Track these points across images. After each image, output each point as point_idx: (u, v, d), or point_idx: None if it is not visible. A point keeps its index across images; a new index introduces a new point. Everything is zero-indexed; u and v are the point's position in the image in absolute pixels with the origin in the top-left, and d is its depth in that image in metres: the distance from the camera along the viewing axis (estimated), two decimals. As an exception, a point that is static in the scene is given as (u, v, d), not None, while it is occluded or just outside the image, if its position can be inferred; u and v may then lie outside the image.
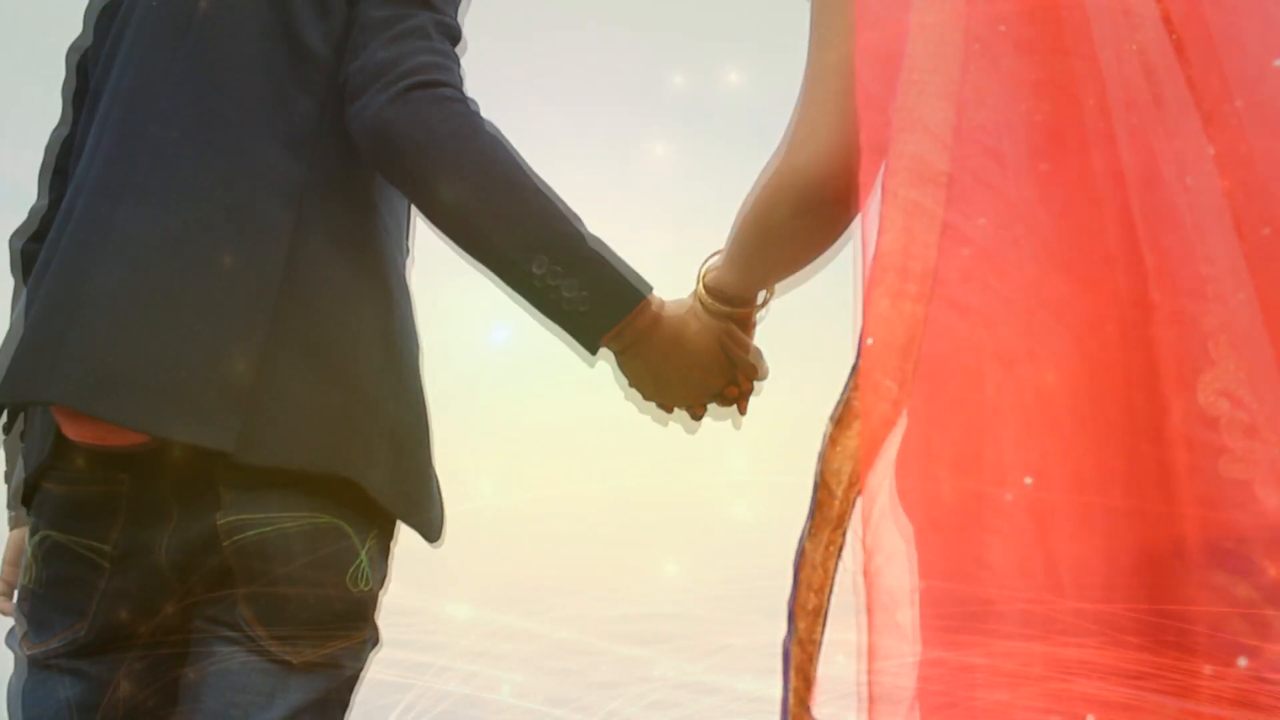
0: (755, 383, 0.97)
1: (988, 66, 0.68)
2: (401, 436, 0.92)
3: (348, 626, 0.90)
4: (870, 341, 0.63)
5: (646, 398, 0.97)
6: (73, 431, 0.85)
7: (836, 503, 0.69)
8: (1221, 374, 0.59)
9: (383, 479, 0.90)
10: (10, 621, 0.99)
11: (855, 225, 0.71)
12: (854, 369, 0.71)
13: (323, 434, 0.87)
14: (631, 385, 0.97)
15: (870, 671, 0.60)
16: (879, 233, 0.65)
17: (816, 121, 0.77)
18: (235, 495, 0.85)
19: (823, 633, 0.69)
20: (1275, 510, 0.56)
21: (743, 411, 0.97)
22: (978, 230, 0.64)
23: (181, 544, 0.87)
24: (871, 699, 0.60)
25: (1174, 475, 0.58)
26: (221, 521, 0.85)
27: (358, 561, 0.89)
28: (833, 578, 0.69)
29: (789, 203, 0.80)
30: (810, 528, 0.71)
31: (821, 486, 0.70)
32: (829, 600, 0.70)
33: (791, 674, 0.70)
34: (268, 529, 0.85)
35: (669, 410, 0.98)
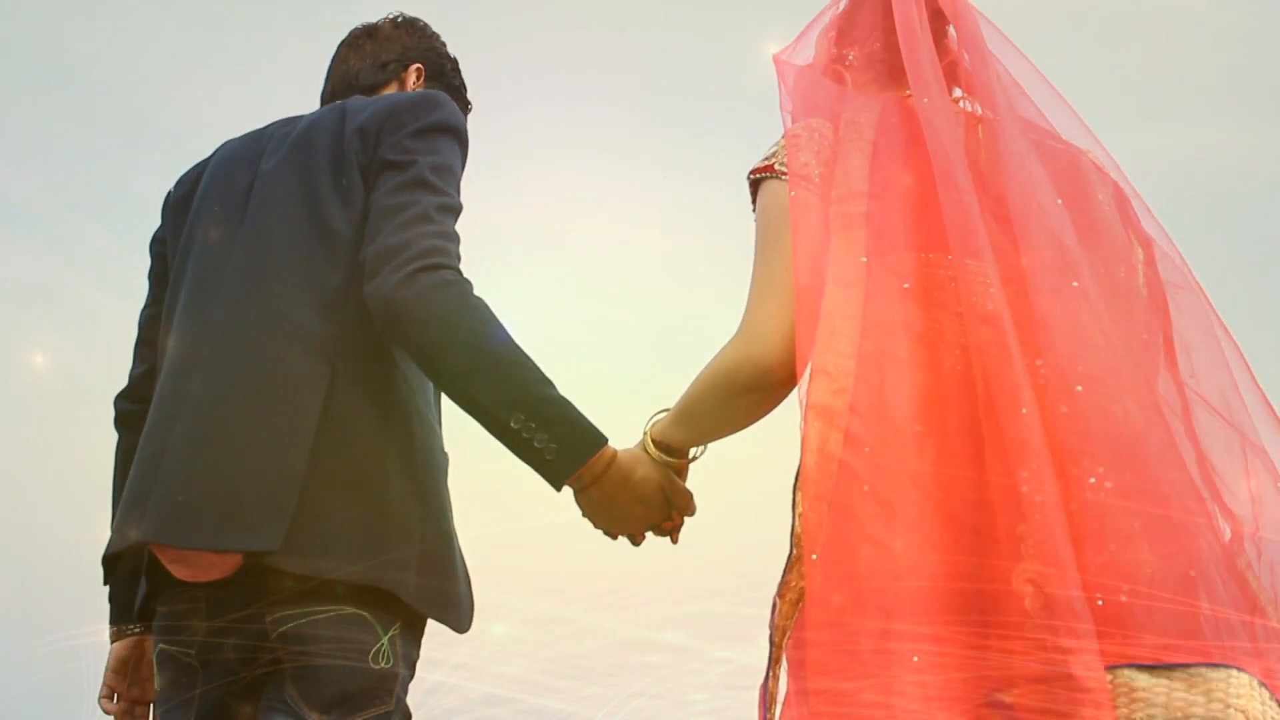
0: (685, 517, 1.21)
1: (882, 308, 0.98)
2: (428, 549, 1.13)
3: (373, 700, 1.10)
4: (814, 557, 0.90)
5: (596, 525, 1.19)
6: (179, 572, 1.09)
7: (781, 653, 0.98)
8: (1030, 568, 0.86)
9: (411, 585, 1.11)
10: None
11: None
12: (791, 560, 1.01)
13: (358, 550, 1.08)
14: (585, 515, 1.18)
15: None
16: (802, 450, 0.96)
17: (766, 322, 1.03)
18: (283, 599, 1.07)
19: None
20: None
21: (675, 540, 1.21)
22: (869, 442, 0.94)
23: (244, 644, 1.09)
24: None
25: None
26: (270, 618, 1.08)
27: (379, 644, 1.10)
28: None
29: (743, 382, 1.05)
30: (768, 665, 1.00)
31: (774, 643, 0.99)
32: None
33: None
34: (304, 620, 1.08)
35: (614, 537, 1.20)
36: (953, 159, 1.02)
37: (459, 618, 1.17)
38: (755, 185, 1.14)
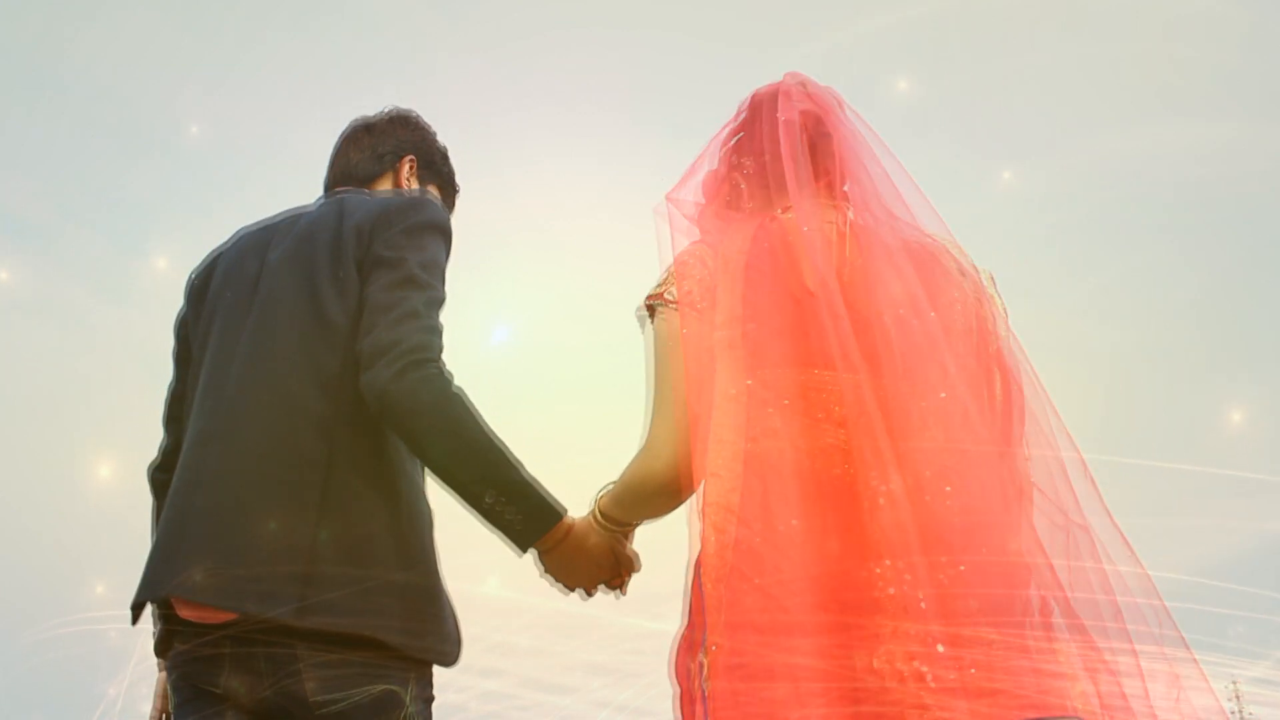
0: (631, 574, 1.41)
1: (764, 420, 1.16)
2: (413, 598, 1.30)
3: None
4: (714, 648, 1.08)
5: (555, 581, 1.37)
6: (185, 612, 1.26)
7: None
8: (890, 649, 1.06)
9: (402, 635, 1.27)
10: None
11: None
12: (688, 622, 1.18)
13: (359, 609, 1.24)
14: (546, 572, 1.37)
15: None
16: (701, 541, 1.13)
17: (663, 440, 1.24)
18: (313, 661, 1.24)
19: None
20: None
21: (623, 593, 1.42)
22: (747, 545, 1.11)
23: (268, 698, 1.25)
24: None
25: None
26: (310, 685, 1.23)
27: (404, 710, 1.28)
28: None
29: (650, 487, 1.26)
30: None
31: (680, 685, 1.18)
32: None
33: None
34: (345, 703, 1.24)
35: (570, 590, 1.39)
36: (825, 279, 1.19)
37: (445, 653, 1.34)
38: (649, 312, 1.30)
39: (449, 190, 1.71)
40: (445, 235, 1.44)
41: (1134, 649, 1.12)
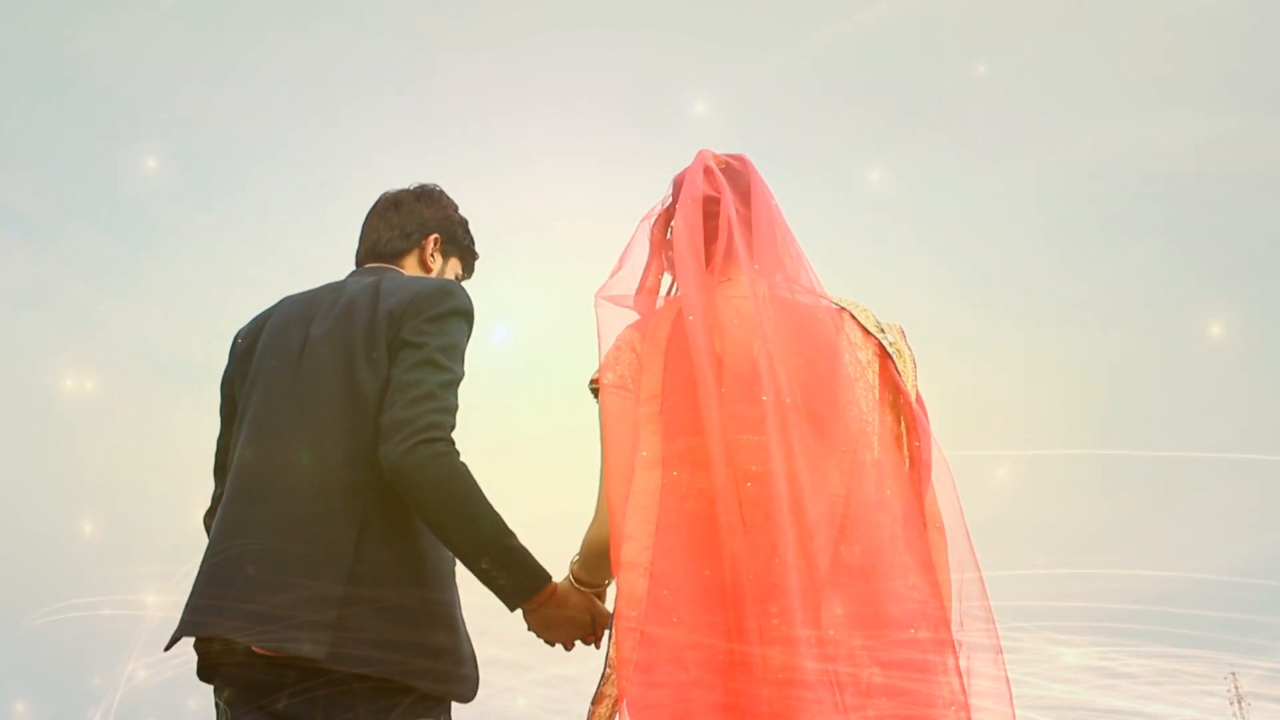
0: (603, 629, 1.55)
1: (676, 482, 1.35)
2: (440, 645, 1.48)
3: None
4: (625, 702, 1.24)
5: (538, 636, 1.55)
6: (255, 647, 1.42)
7: None
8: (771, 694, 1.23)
9: (432, 678, 1.45)
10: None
11: None
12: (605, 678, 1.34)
13: (389, 654, 1.42)
14: (530, 628, 1.54)
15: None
16: (617, 596, 1.30)
17: (603, 517, 1.40)
18: (352, 699, 1.41)
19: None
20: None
21: (598, 646, 1.55)
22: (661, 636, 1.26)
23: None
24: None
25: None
26: (347, 701, 1.40)
27: None
28: None
29: (600, 550, 1.43)
30: None
31: None
32: None
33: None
34: (372, 707, 1.41)
35: (551, 644, 1.56)
36: (705, 364, 1.37)
37: (464, 692, 1.53)
38: (593, 394, 1.48)
39: (469, 258, 1.90)
40: (467, 319, 1.62)
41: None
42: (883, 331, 1.48)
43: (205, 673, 1.53)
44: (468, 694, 1.53)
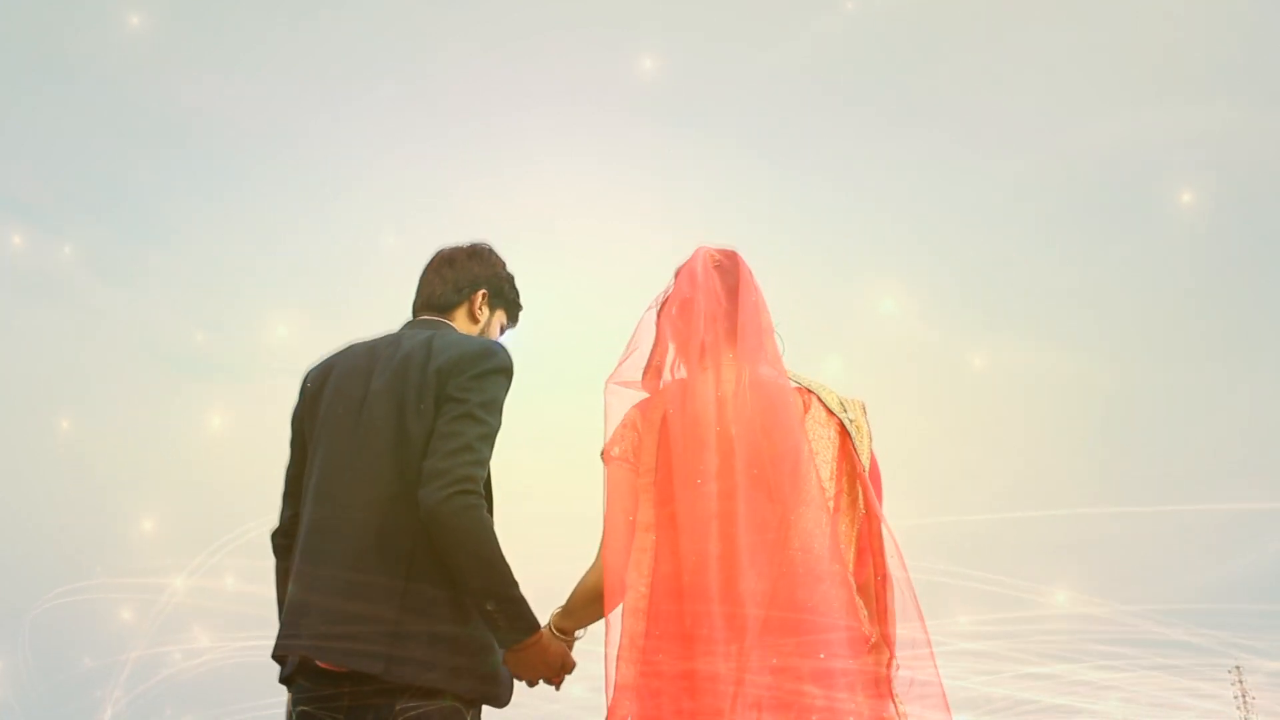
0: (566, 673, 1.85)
1: (666, 541, 1.64)
2: (482, 662, 1.74)
3: None
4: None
5: (511, 671, 1.79)
6: (321, 662, 1.71)
7: None
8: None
9: (473, 687, 1.72)
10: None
11: None
12: None
13: (436, 670, 1.68)
14: (508, 664, 1.78)
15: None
16: (620, 635, 1.61)
17: (599, 568, 1.71)
18: (402, 697, 1.67)
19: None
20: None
21: (558, 688, 1.86)
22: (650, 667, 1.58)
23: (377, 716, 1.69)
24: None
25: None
26: (398, 706, 1.67)
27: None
28: None
29: (596, 596, 1.72)
30: None
31: None
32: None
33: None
34: (418, 711, 1.67)
35: (520, 680, 1.81)
36: (704, 436, 1.66)
37: (501, 698, 1.78)
38: (603, 462, 1.76)
39: (514, 310, 2.13)
40: (507, 375, 1.84)
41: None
42: (844, 410, 1.76)
43: (285, 680, 1.80)
44: (503, 698, 1.79)
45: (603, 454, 1.76)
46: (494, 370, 1.80)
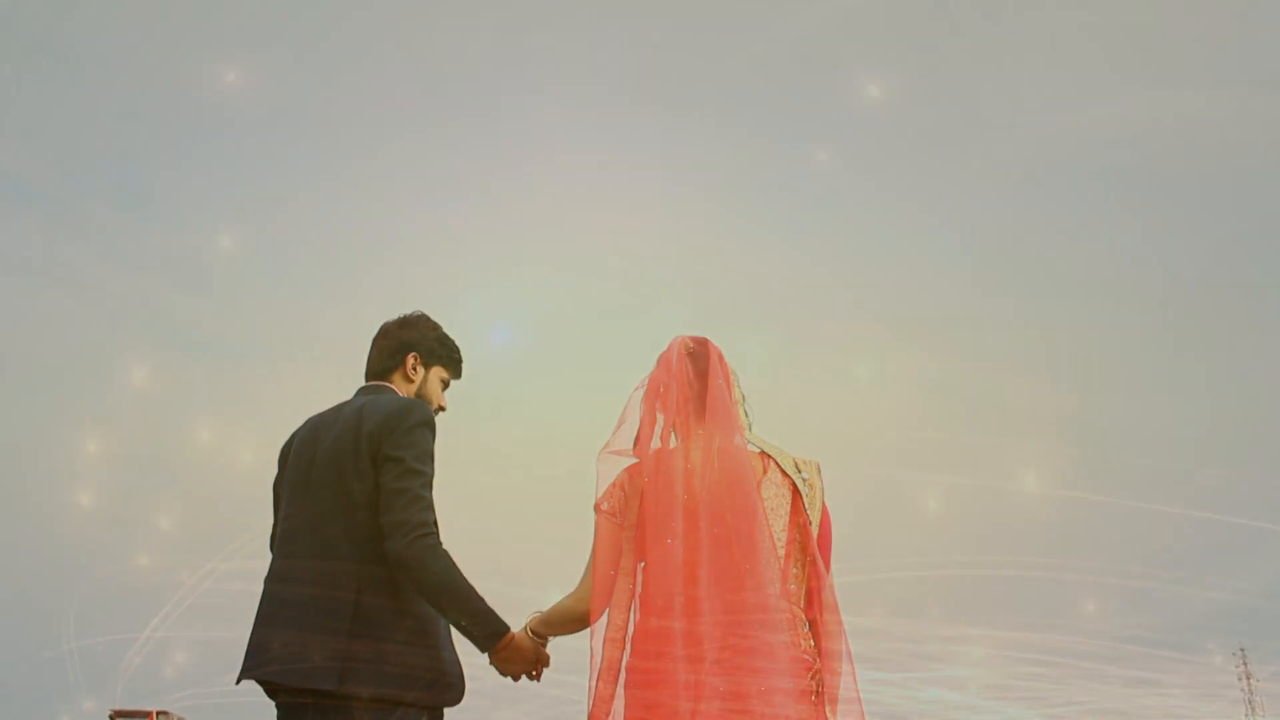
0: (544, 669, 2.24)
1: (648, 587, 2.06)
2: (434, 675, 2.10)
3: None
4: None
5: (497, 670, 2.16)
6: (281, 685, 2.09)
7: None
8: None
9: (422, 696, 2.07)
10: None
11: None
12: None
13: (389, 684, 2.03)
14: (491, 663, 2.14)
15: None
16: (602, 663, 2.06)
17: (585, 592, 2.12)
18: (360, 705, 2.02)
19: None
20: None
21: (538, 680, 2.23)
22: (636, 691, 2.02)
23: None
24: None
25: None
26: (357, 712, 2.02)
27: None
28: None
29: (571, 617, 2.16)
30: None
31: None
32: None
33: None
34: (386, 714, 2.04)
35: (505, 676, 2.18)
36: (673, 502, 2.04)
37: (454, 698, 2.15)
38: (595, 513, 2.14)
39: (450, 364, 2.46)
40: (430, 427, 2.21)
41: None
42: (798, 470, 2.12)
43: (269, 695, 2.15)
44: (454, 699, 2.14)
45: (595, 506, 2.14)
46: (417, 425, 2.17)
